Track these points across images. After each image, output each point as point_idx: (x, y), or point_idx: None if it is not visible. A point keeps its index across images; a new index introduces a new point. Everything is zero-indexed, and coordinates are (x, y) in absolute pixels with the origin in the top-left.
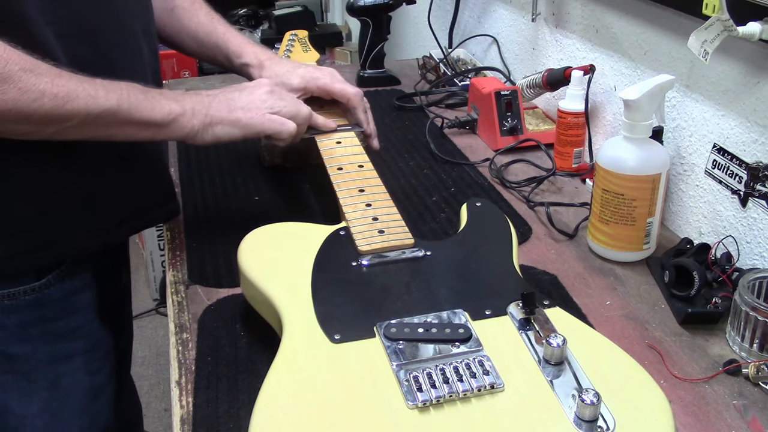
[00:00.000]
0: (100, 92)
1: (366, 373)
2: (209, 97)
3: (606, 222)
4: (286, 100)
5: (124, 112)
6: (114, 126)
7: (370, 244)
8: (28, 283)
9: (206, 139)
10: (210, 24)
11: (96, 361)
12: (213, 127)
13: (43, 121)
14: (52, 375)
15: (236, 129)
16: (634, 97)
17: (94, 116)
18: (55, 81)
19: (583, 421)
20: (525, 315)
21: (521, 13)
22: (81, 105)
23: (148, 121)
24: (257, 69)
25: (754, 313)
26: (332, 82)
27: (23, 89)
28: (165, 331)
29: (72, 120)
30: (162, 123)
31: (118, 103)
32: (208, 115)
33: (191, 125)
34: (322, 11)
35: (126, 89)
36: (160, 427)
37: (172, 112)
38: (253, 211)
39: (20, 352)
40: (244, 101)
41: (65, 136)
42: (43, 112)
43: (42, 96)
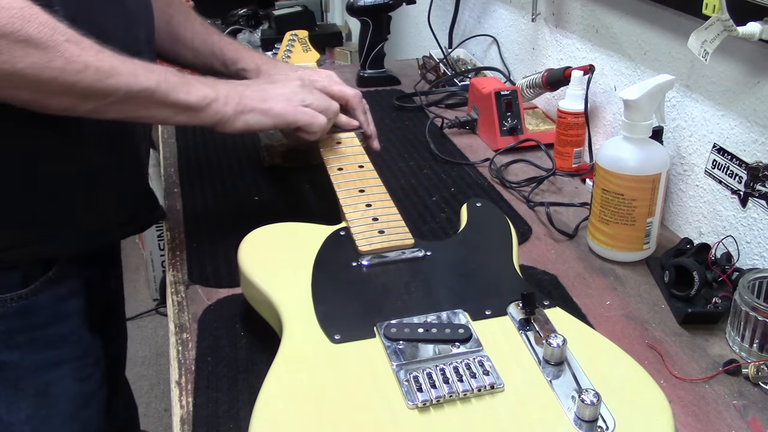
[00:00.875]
0: (141, 71)
1: (366, 373)
2: (242, 86)
3: (606, 222)
4: (316, 95)
5: (162, 93)
6: (151, 107)
7: (370, 244)
8: (15, 290)
9: (237, 126)
10: (205, 33)
11: (86, 368)
12: (245, 114)
13: (85, 94)
14: (40, 382)
15: (268, 118)
16: (634, 97)
17: (134, 94)
18: (98, 55)
19: (583, 422)
20: (525, 315)
21: (521, 13)
22: (122, 81)
23: (183, 103)
24: (254, 74)
25: (754, 313)
26: (330, 85)
27: (69, 59)
28: (165, 331)
29: (112, 96)
30: (197, 107)
31: (157, 83)
32: (240, 102)
33: (224, 111)
34: (322, 11)
35: (164, 71)
36: (160, 427)
37: (207, 97)
38: (253, 211)
39: (7, 360)
40: (278, 92)
41: (102, 113)
42: (86, 84)
43: (86, 68)
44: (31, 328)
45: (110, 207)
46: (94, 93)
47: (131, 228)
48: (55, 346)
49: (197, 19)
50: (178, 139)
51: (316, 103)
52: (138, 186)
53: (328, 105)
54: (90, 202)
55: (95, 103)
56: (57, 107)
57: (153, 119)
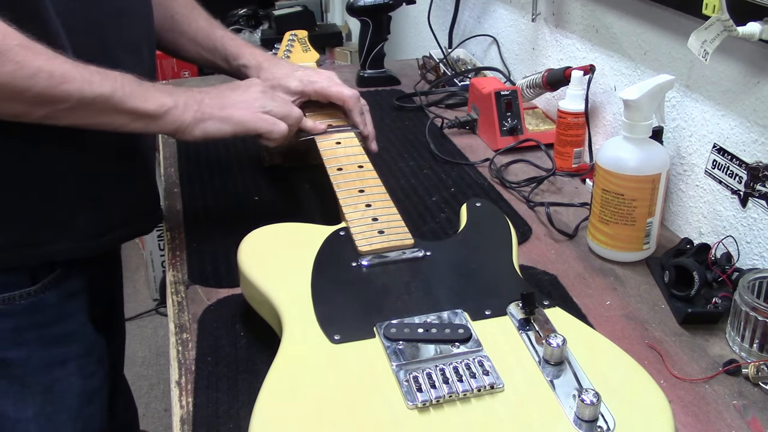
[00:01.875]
0: (96, 77)
1: (366, 374)
2: (201, 93)
3: (606, 222)
4: (277, 101)
5: (117, 100)
6: (106, 114)
7: (370, 244)
8: (23, 288)
9: (195, 134)
10: (209, 28)
11: (90, 366)
12: (204, 122)
13: (37, 100)
14: (46, 380)
15: (227, 125)
16: (634, 97)
17: (87, 101)
18: (51, 61)
19: (583, 421)
20: (525, 315)
21: (521, 13)
22: (76, 87)
23: (140, 111)
24: (255, 70)
25: (754, 313)
26: (329, 86)
27: (21, 64)
28: (165, 331)
29: (65, 102)
30: (154, 115)
31: (112, 90)
32: (199, 110)
33: (182, 119)
34: (322, 11)
35: (120, 78)
36: (160, 427)
37: (164, 105)
38: (253, 211)
39: (15, 357)
40: (237, 99)
41: (56, 120)
42: (38, 89)
43: (38, 72)
44: (39, 325)
45: (116, 211)
46: (47, 99)
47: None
48: (61, 344)
49: (202, 14)
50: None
51: (276, 109)
52: (145, 189)
53: (288, 111)
54: (95, 206)
55: (48, 109)
56: (10, 113)
57: (109, 126)
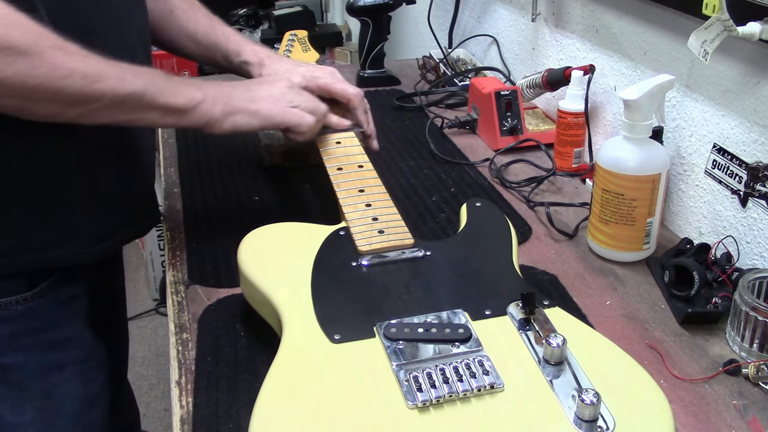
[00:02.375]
0: (128, 75)
1: (366, 373)
2: (230, 87)
3: (606, 222)
4: (304, 96)
5: (149, 96)
6: (138, 110)
7: (369, 244)
8: (20, 293)
9: (224, 128)
10: (209, 25)
11: (90, 371)
12: (233, 115)
13: (71, 100)
14: (44, 385)
15: (256, 119)
16: (634, 97)
17: (120, 98)
18: (84, 60)
19: (582, 421)
20: (525, 315)
21: (521, 13)
22: (109, 86)
23: (171, 106)
24: (257, 67)
25: (754, 313)
26: (333, 82)
27: (54, 65)
28: (165, 331)
29: (99, 101)
30: (184, 109)
31: (144, 87)
32: (228, 103)
33: (212, 113)
34: (322, 11)
35: (151, 74)
36: (160, 427)
37: (194, 99)
38: (253, 211)
39: (12, 362)
40: (265, 93)
41: (89, 119)
42: (72, 90)
43: (72, 73)
44: (36, 330)
45: (116, 214)
46: (80, 98)
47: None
48: (59, 349)
49: (201, 10)
50: (178, 139)
51: (305, 104)
52: (144, 190)
53: (316, 106)
54: (96, 210)
55: (83, 109)
56: (44, 114)
57: (141, 122)
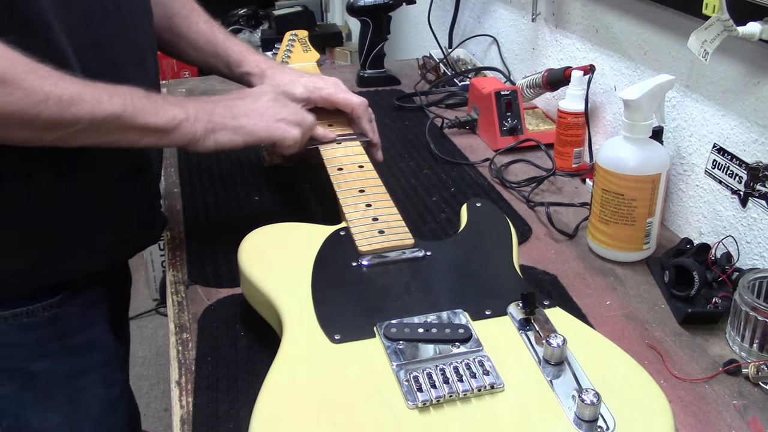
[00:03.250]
0: (104, 96)
1: (366, 373)
2: (211, 103)
3: (606, 222)
4: (289, 108)
5: (128, 117)
6: (118, 132)
7: (370, 244)
8: (46, 300)
9: (208, 146)
10: (210, 32)
11: (112, 374)
12: (215, 133)
13: (47, 126)
14: (71, 390)
15: (239, 136)
16: (634, 97)
17: (99, 121)
18: (58, 83)
19: (583, 421)
20: (525, 315)
21: (521, 13)
22: (86, 109)
23: (152, 126)
24: (259, 78)
25: (754, 313)
26: (336, 92)
27: (28, 90)
28: (165, 331)
29: (76, 125)
30: (166, 128)
31: (122, 108)
32: (210, 121)
33: (194, 131)
34: (322, 11)
35: (129, 94)
36: (160, 427)
37: (175, 118)
38: (253, 211)
39: (40, 369)
40: (248, 108)
41: (68, 142)
42: (48, 115)
43: (47, 98)
44: (62, 336)
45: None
46: (57, 123)
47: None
48: (84, 353)
49: (201, 15)
50: None
51: (289, 117)
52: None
53: (302, 118)
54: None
55: (60, 133)
56: (22, 140)
57: (121, 143)
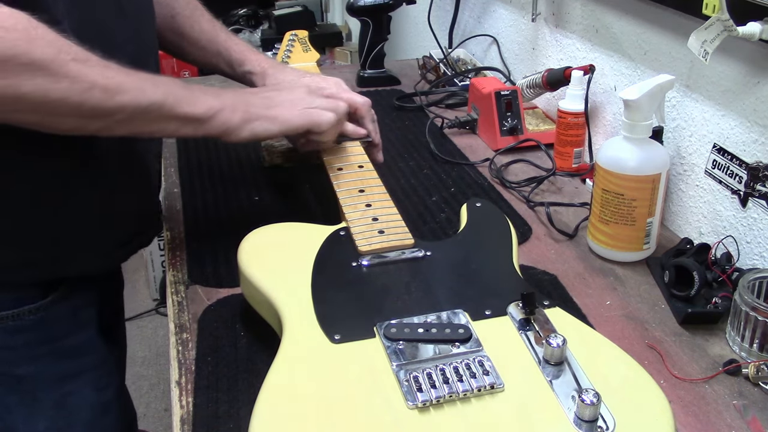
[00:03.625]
0: (147, 85)
1: (366, 373)
2: (248, 94)
3: (606, 222)
4: (322, 99)
5: (169, 107)
6: (158, 121)
7: (370, 244)
8: (34, 302)
9: (243, 135)
10: (212, 31)
11: (104, 377)
12: (251, 123)
13: (92, 114)
14: (58, 394)
15: (274, 125)
16: (634, 97)
17: (141, 110)
18: (104, 72)
19: (583, 422)
20: (525, 315)
21: (521, 13)
22: (130, 98)
23: (190, 116)
24: (260, 77)
25: (754, 313)
26: (338, 92)
27: (75, 79)
28: (165, 331)
29: (120, 114)
30: (203, 118)
31: (164, 97)
32: (247, 111)
33: (230, 120)
34: (322, 11)
35: (169, 84)
36: (160, 427)
37: (212, 108)
38: (253, 211)
39: (27, 373)
40: (283, 99)
41: (111, 131)
42: (93, 103)
43: (93, 87)
44: (51, 339)
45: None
46: (102, 112)
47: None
48: (73, 356)
49: (204, 15)
50: (178, 139)
51: (323, 105)
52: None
53: (335, 106)
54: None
55: (104, 122)
56: (66, 128)
57: (160, 133)
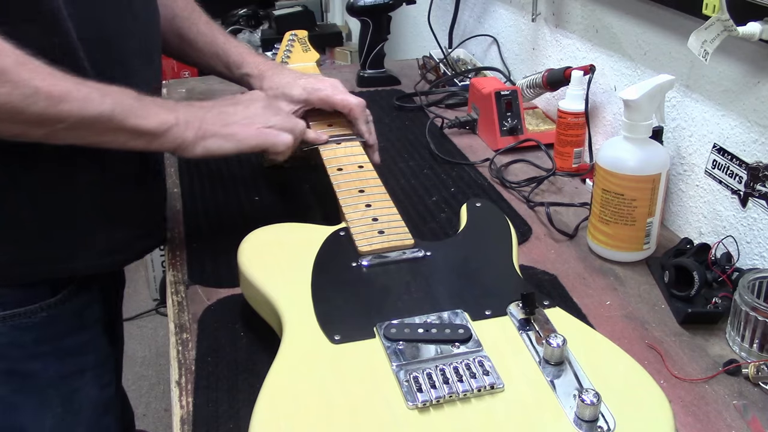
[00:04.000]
0: (95, 95)
1: (366, 374)
2: (203, 109)
3: (606, 222)
4: (281, 115)
5: (118, 119)
6: (107, 132)
7: (370, 244)
8: (44, 300)
9: (197, 152)
10: (210, 33)
11: (106, 375)
12: (205, 140)
13: (35, 121)
14: (65, 391)
15: (229, 143)
16: (634, 97)
17: (88, 120)
18: (48, 79)
19: (583, 421)
20: (525, 315)
21: (521, 13)
22: (75, 107)
23: (141, 129)
24: (258, 80)
25: (754, 313)
26: (334, 94)
27: (17, 83)
28: (165, 331)
29: (64, 122)
30: (155, 132)
31: (112, 108)
32: (201, 128)
33: (184, 137)
34: (322, 11)
35: (120, 94)
36: (160, 427)
37: (165, 122)
38: (253, 211)
39: (34, 370)
40: (240, 116)
41: (56, 139)
42: (36, 110)
43: (36, 93)
44: (57, 337)
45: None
46: (44, 119)
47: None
48: (78, 354)
49: (202, 17)
50: None
51: (280, 123)
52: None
53: (293, 125)
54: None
55: (47, 129)
56: (7, 134)
57: (110, 144)
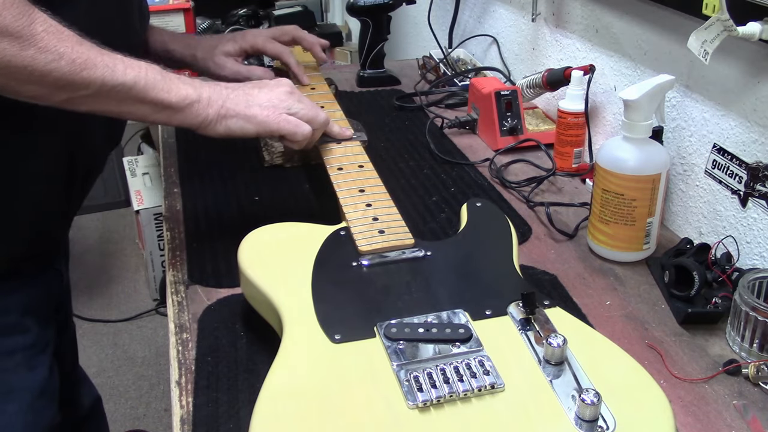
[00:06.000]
0: (119, 66)
1: (366, 373)
2: (228, 89)
3: (606, 222)
4: (304, 103)
5: (140, 90)
6: (128, 102)
7: (370, 244)
8: None
9: (218, 131)
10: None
11: (37, 357)
12: (227, 119)
13: (57, 85)
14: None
15: (251, 125)
16: (634, 97)
17: (108, 88)
18: (75, 47)
19: (583, 421)
20: (525, 315)
21: (521, 13)
22: (97, 74)
23: (162, 102)
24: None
25: (754, 313)
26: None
27: (42, 48)
28: (165, 331)
29: (86, 89)
30: (176, 107)
31: (134, 80)
32: (224, 106)
33: (206, 113)
34: (322, 11)
35: (145, 68)
36: (160, 427)
37: (188, 97)
38: (253, 211)
39: None
40: (263, 98)
41: (78, 105)
42: (58, 75)
43: (60, 58)
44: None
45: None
46: (66, 84)
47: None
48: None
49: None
50: (178, 139)
51: (303, 111)
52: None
53: (314, 114)
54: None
55: (68, 94)
56: (28, 95)
57: (132, 115)
